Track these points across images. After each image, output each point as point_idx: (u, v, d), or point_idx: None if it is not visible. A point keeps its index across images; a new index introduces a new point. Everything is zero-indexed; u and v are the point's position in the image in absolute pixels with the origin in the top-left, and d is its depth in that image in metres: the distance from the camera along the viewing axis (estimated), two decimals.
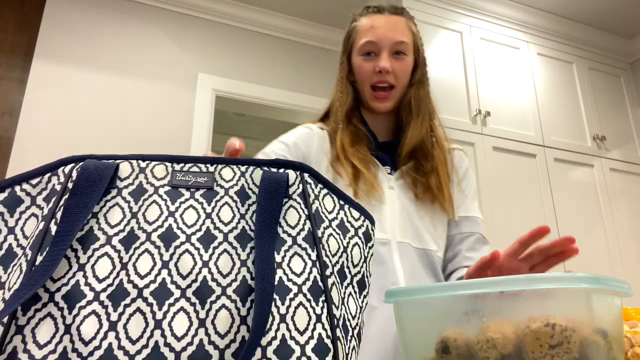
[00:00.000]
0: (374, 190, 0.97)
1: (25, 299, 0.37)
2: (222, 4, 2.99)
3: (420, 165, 1.02)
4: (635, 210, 2.92)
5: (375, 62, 1.02)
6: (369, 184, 0.97)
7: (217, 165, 0.48)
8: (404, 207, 0.99)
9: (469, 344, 0.53)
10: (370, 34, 1.03)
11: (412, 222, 0.99)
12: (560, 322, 0.47)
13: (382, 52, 1.02)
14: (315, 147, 1.04)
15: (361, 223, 0.51)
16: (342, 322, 0.44)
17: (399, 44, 1.03)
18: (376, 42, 1.02)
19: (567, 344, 0.46)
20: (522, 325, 0.48)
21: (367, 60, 1.04)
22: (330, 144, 1.04)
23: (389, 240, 0.96)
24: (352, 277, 0.49)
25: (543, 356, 0.47)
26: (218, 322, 0.40)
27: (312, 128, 1.08)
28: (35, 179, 0.46)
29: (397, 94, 1.05)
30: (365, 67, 1.04)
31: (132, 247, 0.42)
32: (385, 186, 1.00)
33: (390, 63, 1.02)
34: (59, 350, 0.37)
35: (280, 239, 0.45)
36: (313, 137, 1.05)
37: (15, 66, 2.46)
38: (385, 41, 1.02)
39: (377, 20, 1.04)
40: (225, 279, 0.42)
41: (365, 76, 1.04)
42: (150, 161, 0.47)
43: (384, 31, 1.03)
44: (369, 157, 1.01)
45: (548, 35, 3.09)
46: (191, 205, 0.45)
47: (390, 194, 1.00)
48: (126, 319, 0.39)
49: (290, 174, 0.48)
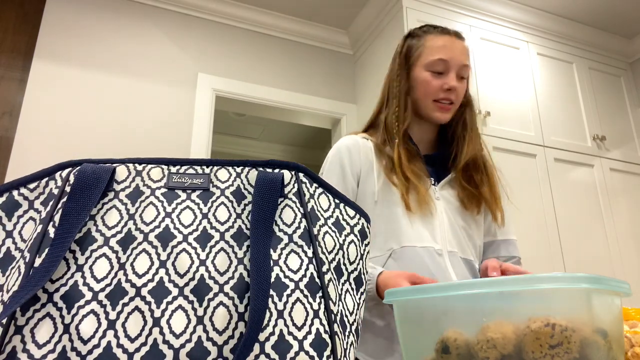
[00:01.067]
0: (425, 203, 1.03)
1: (25, 299, 0.37)
2: (222, 4, 2.99)
3: (471, 177, 1.10)
4: (635, 210, 2.92)
5: (443, 80, 1.08)
6: (421, 197, 1.03)
7: (212, 167, 0.49)
8: (449, 218, 1.06)
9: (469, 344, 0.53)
10: (442, 52, 1.09)
11: (455, 233, 1.05)
12: (560, 322, 0.47)
13: (450, 71, 1.09)
14: (363, 157, 1.10)
15: (357, 221, 0.52)
16: (340, 317, 0.45)
17: (465, 67, 1.10)
18: (447, 61, 1.08)
19: (567, 344, 0.46)
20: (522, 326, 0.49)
21: (435, 76, 1.09)
22: (376, 155, 1.10)
23: (441, 251, 1.02)
24: (348, 273, 0.49)
25: (543, 356, 0.47)
26: (216, 319, 0.40)
27: (356, 140, 1.14)
28: (32, 183, 0.46)
29: (454, 109, 1.12)
30: (432, 83, 1.09)
31: (129, 247, 0.43)
32: (433, 198, 1.06)
33: (456, 83, 1.09)
34: (58, 349, 0.38)
35: (277, 237, 0.46)
36: (359, 149, 1.11)
37: (15, 66, 2.47)
38: (455, 62, 1.09)
39: (448, 41, 1.11)
40: (222, 276, 0.42)
41: (432, 91, 1.09)
42: (147, 164, 0.48)
43: (456, 53, 1.09)
44: (422, 172, 1.07)
45: (548, 35, 3.09)
46: (188, 206, 0.46)
47: (439, 206, 1.06)
48: (125, 317, 0.39)
49: (285, 173, 0.49)
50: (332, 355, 0.41)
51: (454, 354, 0.55)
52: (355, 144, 1.12)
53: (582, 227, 2.68)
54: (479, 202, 1.09)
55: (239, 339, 0.40)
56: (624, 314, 0.67)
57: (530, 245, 2.48)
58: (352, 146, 1.12)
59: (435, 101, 1.09)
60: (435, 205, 1.06)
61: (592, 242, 2.68)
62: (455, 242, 1.04)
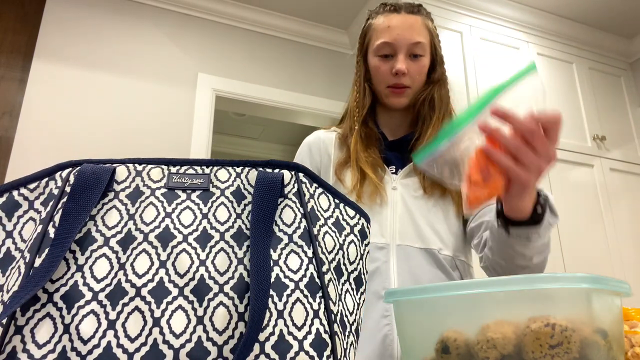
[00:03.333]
0: (377, 192, 0.97)
1: (26, 299, 0.38)
2: (222, 4, 2.99)
3: None
4: (635, 210, 2.92)
5: (391, 64, 1.02)
6: (373, 186, 0.97)
7: (212, 167, 0.49)
8: (406, 207, 0.99)
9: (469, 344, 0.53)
10: (386, 34, 1.03)
11: (414, 222, 0.98)
12: (560, 322, 0.47)
13: (398, 53, 1.02)
14: (323, 152, 1.07)
15: (357, 221, 0.52)
16: (340, 317, 0.45)
17: (416, 45, 1.02)
18: (392, 43, 1.02)
19: (567, 344, 0.46)
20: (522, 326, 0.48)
21: (383, 61, 1.04)
22: (337, 148, 1.06)
23: (387, 245, 0.96)
24: (348, 274, 0.49)
25: (543, 356, 0.47)
26: (216, 319, 0.40)
27: (318, 135, 1.10)
28: (32, 183, 0.47)
29: (412, 92, 1.05)
30: (381, 69, 1.03)
31: (129, 247, 0.43)
32: (388, 188, 1.00)
33: (406, 65, 1.01)
34: (58, 349, 0.38)
35: (277, 237, 0.46)
36: (319, 145, 1.08)
37: (15, 66, 2.47)
38: (401, 42, 1.01)
39: (394, 20, 1.03)
40: (222, 276, 0.42)
41: (382, 77, 1.04)
42: (147, 164, 0.48)
43: (400, 32, 1.02)
44: (378, 161, 1.02)
45: (548, 35, 3.09)
46: (188, 207, 0.46)
47: (393, 195, 1.00)
48: (125, 317, 0.40)
49: (285, 174, 0.49)
50: (332, 355, 0.41)
51: (454, 354, 0.55)
52: (316, 140, 1.10)
53: (582, 227, 2.68)
54: (443, 187, 0.99)
55: (239, 339, 0.40)
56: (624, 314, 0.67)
57: None
58: (312, 143, 1.09)
59: (388, 87, 1.03)
60: (387, 195, 0.99)
61: (592, 242, 2.68)
62: (411, 233, 0.96)
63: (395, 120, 1.10)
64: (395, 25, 1.02)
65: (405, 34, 1.02)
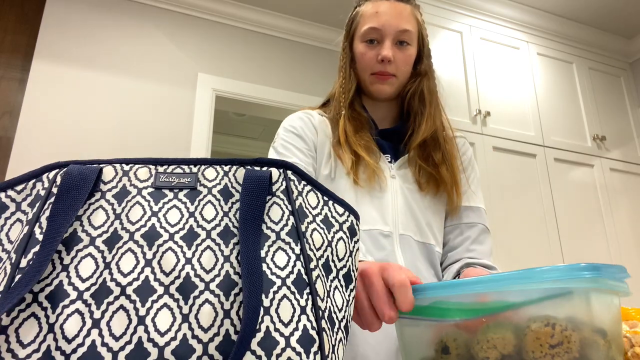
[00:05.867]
0: (375, 176, 0.95)
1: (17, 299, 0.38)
2: (222, 4, 3.00)
3: (429, 155, 1.00)
4: (635, 210, 2.91)
5: (377, 50, 1.00)
6: (370, 170, 0.95)
7: (200, 166, 0.49)
8: (406, 198, 0.97)
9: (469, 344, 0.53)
10: (374, 20, 1.01)
11: (413, 214, 0.97)
12: (560, 322, 0.46)
13: (385, 40, 1.00)
14: (319, 131, 1.02)
15: (345, 218, 0.52)
16: (328, 314, 0.45)
17: (403, 32, 1.00)
18: (379, 29, 1.00)
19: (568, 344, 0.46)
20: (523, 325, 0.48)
21: (369, 47, 1.01)
22: (332, 129, 1.03)
23: (391, 233, 0.93)
24: (337, 270, 0.49)
25: (543, 356, 0.47)
26: (201, 316, 0.40)
27: (312, 114, 1.06)
28: (19, 185, 0.47)
29: (398, 82, 1.03)
30: (367, 55, 1.01)
31: (115, 247, 0.43)
32: (387, 175, 0.98)
33: (392, 52, 0.99)
34: (42, 349, 0.38)
35: (264, 234, 0.46)
36: (315, 123, 1.04)
37: (15, 66, 2.47)
38: (389, 29, 0.99)
39: (382, 6, 1.01)
40: (208, 274, 0.42)
41: (367, 64, 1.02)
42: (134, 164, 0.48)
43: (388, 18, 1.00)
44: (371, 145, 0.99)
45: (548, 35, 3.09)
46: (174, 205, 0.46)
47: (392, 183, 0.98)
48: (109, 316, 0.40)
49: (273, 171, 0.49)
50: (320, 351, 0.41)
51: (454, 354, 0.55)
52: (309, 117, 1.05)
53: (582, 227, 2.68)
54: (437, 183, 0.98)
55: (225, 337, 0.40)
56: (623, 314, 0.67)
57: (530, 245, 2.47)
58: (306, 119, 1.04)
59: (373, 74, 1.01)
60: (387, 182, 0.97)
61: (592, 242, 2.67)
62: (411, 225, 0.95)
63: (382, 111, 1.07)
64: (383, 12, 1.01)
65: (393, 21, 1.00)
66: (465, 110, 2.61)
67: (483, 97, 2.68)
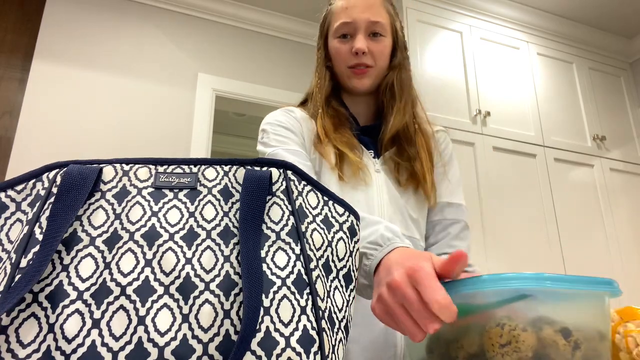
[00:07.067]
0: (359, 171, 0.95)
1: (17, 299, 0.38)
2: (222, 4, 2.99)
3: (403, 150, 1.00)
4: (635, 210, 2.91)
5: (351, 44, 1.00)
6: (354, 166, 0.94)
7: (200, 166, 0.49)
8: (391, 193, 0.97)
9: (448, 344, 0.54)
10: (344, 15, 1.01)
11: (399, 208, 0.97)
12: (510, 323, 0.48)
13: (357, 32, 1.00)
14: (304, 126, 1.02)
15: (346, 218, 0.52)
16: (328, 314, 0.45)
17: (374, 24, 1.00)
18: (351, 23, 1.00)
19: (516, 343, 0.47)
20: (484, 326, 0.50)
21: (342, 42, 1.02)
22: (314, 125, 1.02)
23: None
24: (337, 270, 0.49)
25: (495, 355, 0.48)
26: (201, 316, 0.40)
27: (293, 110, 1.06)
28: (19, 185, 0.47)
29: (375, 73, 1.02)
30: (341, 50, 1.02)
31: (115, 247, 0.43)
32: (371, 170, 0.98)
33: (366, 44, 0.99)
34: (42, 349, 0.38)
35: (264, 234, 0.46)
36: (298, 117, 1.03)
37: (15, 66, 2.47)
38: (360, 21, 1.00)
39: (352, 1, 1.02)
40: (208, 274, 0.42)
41: (342, 58, 1.02)
42: (134, 164, 0.48)
43: (358, 11, 1.00)
44: (353, 141, 0.99)
45: (548, 35, 3.09)
46: (174, 205, 0.46)
47: (378, 178, 0.98)
48: (109, 316, 0.39)
49: (274, 171, 0.49)
50: (320, 351, 0.41)
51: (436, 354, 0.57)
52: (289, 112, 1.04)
53: (582, 227, 2.68)
54: (415, 177, 0.98)
55: (225, 337, 0.40)
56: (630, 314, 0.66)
57: (530, 245, 2.47)
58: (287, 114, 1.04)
59: (350, 68, 1.01)
60: (372, 176, 0.96)
61: (592, 242, 2.67)
62: (397, 219, 0.95)
63: (361, 106, 1.07)
64: (353, 5, 1.01)
65: (364, 14, 1.00)
66: (465, 110, 2.61)
67: (483, 97, 2.68)
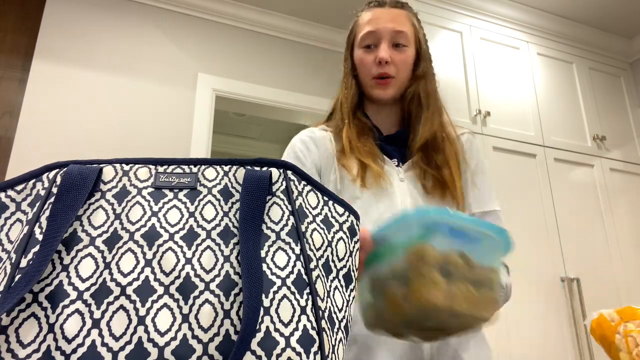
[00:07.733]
0: (380, 180, 0.96)
1: (17, 299, 0.38)
2: (222, 4, 2.99)
3: (431, 158, 1.00)
4: (635, 210, 2.91)
5: (375, 53, 1.02)
6: (376, 176, 0.96)
7: (200, 166, 0.49)
8: (415, 201, 0.97)
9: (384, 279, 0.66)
10: (369, 25, 1.04)
11: None
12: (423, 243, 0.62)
13: (381, 42, 1.02)
14: (320, 147, 1.04)
15: (346, 218, 0.52)
16: (328, 314, 0.45)
17: (398, 33, 1.02)
18: (375, 32, 1.03)
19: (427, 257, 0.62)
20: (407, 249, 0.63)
21: (367, 52, 1.04)
22: (335, 142, 1.04)
23: None
24: (337, 270, 0.49)
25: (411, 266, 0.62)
26: (201, 316, 0.40)
27: (313, 131, 1.08)
28: (19, 185, 0.47)
29: (398, 83, 1.04)
30: (365, 59, 1.04)
31: (115, 247, 0.43)
32: (394, 179, 0.98)
33: (389, 53, 1.01)
34: (42, 349, 0.38)
35: (264, 234, 0.46)
36: (316, 138, 1.05)
37: (15, 66, 2.47)
38: (384, 31, 1.02)
39: (377, 13, 1.05)
40: (208, 274, 0.42)
41: (366, 68, 1.04)
42: (134, 164, 0.48)
43: (383, 22, 1.03)
44: (375, 151, 1.00)
45: (548, 35, 3.09)
46: (174, 205, 0.46)
47: (401, 187, 0.98)
48: (109, 316, 0.40)
49: (273, 171, 0.49)
50: (320, 351, 0.41)
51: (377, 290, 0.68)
52: (311, 136, 1.06)
53: (582, 227, 2.68)
54: (443, 185, 0.98)
55: (225, 337, 0.40)
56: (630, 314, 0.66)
57: (531, 245, 2.47)
58: (307, 139, 1.05)
59: (373, 78, 1.03)
60: (393, 185, 0.97)
61: (592, 242, 2.67)
62: None
63: (384, 115, 1.08)
64: (378, 16, 1.04)
65: (388, 24, 1.03)
66: (465, 110, 2.61)
67: (483, 97, 2.68)
